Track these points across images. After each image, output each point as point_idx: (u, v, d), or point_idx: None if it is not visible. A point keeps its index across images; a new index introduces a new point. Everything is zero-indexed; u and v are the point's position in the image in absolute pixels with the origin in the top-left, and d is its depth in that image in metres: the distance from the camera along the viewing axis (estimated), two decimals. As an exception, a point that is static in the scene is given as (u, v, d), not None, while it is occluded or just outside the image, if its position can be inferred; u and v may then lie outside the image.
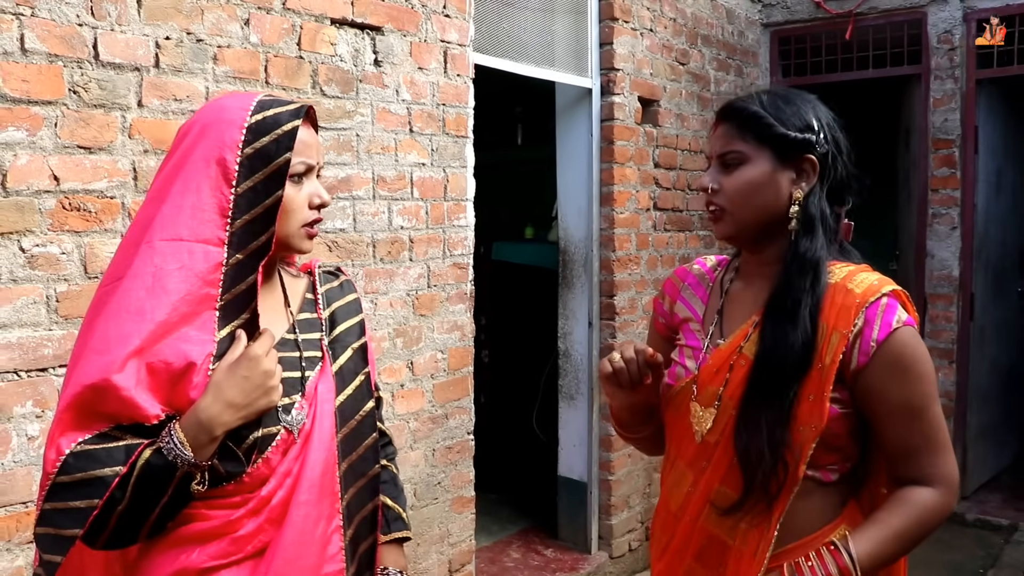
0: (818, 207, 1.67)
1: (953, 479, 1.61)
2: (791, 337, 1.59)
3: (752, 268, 1.76)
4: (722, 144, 1.69)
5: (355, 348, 1.68)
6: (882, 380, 1.57)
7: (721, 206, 1.68)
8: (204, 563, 1.46)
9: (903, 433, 1.59)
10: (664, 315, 1.91)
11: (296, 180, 1.54)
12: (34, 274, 2.34)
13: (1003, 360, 6.22)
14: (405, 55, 3.38)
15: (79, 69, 2.41)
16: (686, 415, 1.73)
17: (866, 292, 1.60)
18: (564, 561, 4.67)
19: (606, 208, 4.65)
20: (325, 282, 1.74)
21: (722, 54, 5.57)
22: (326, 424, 1.56)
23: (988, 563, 4.89)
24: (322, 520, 1.53)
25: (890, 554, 1.58)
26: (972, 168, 5.51)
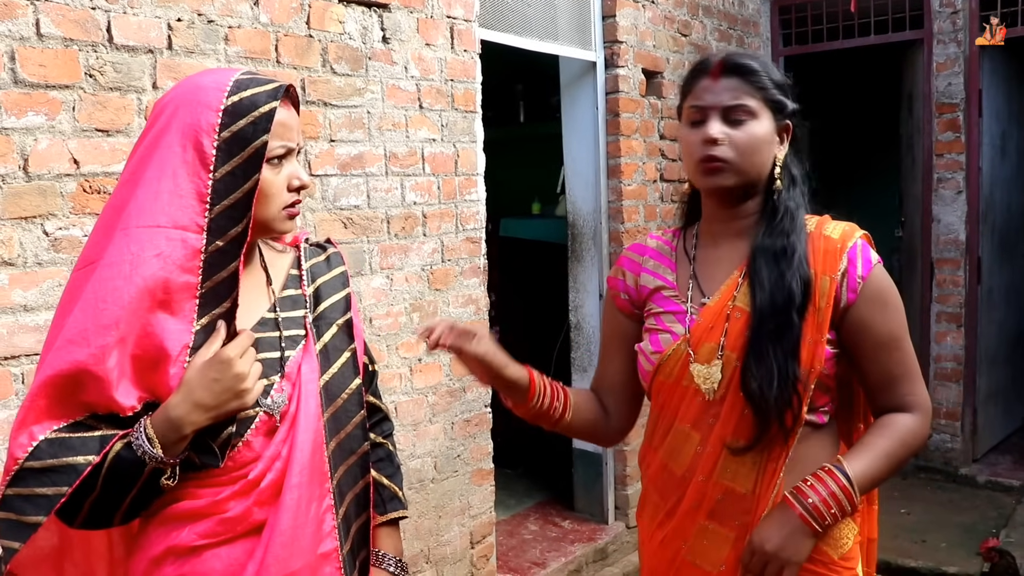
0: (797, 167, 1.78)
1: (928, 405, 1.74)
2: (788, 279, 1.66)
3: (720, 227, 1.80)
4: (733, 96, 1.70)
5: (340, 325, 1.64)
6: (868, 313, 1.69)
7: (727, 159, 1.69)
8: (193, 541, 1.47)
9: (885, 363, 1.71)
10: (627, 291, 1.90)
11: (275, 163, 1.50)
12: (58, 257, 2.37)
13: (1011, 323, 6.24)
14: (412, 32, 3.40)
15: (94, 53, 2.43)
16: (682, 377, 1.75)
17: (843, 236, 1.72)
18: (582, 532, 4.72)
19: (613, 180, 4.66)
20: (311, 256, 1.70)
21: (723, 24, 5.57)
22: (311, 405, 1.53)
23: (1000, 523, 4.93)
24: (314, 501, 1.52)
25: (881, 473, 1.68)
26: (976, 132, 5.51)
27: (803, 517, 1.61)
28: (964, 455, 5.72)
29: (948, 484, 5.63)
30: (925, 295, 5.74)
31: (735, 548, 1.70)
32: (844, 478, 1.63)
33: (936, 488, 5.58)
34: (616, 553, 4.64)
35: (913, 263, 5.98)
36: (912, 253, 6.01)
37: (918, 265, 5.84)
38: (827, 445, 1.74)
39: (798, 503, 1.62)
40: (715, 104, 1.70)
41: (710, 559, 1.73)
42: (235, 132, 1.43)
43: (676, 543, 1.77)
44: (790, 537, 1.62)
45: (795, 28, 6.07)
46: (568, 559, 4.38)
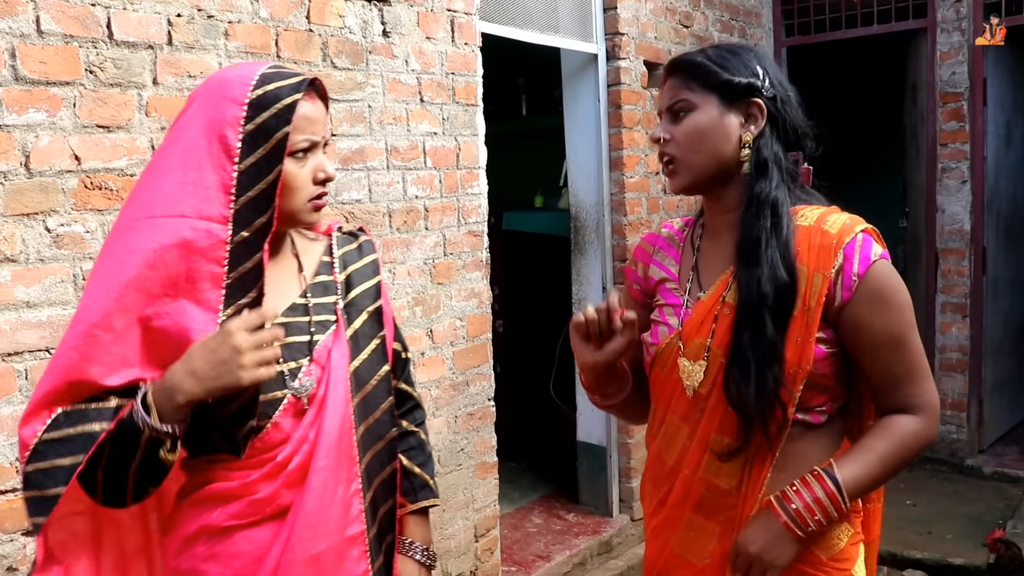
0: (771, 150, 1.70)
1: (934, 406, 1.67)
2: (760, 278, 1.61)
3: (716, 219, 1.78)
4: (670, 96, 1.72)
5: (370, 311, 1.67)
6: (866, 313, 1.62)
7: (673, 155, 1.71)
8: (224, 522, 1.51)
9: (887, 363, 1.64)
10: (638, 281, 1.92)
11: (299, 156, 1.53)
12: (60, 253, 2.37)
13: (1016, 313, 6.23)
14: (413, 25, 3.39)
15: (94, 49, 2.43)
16: (674, 371, 1.74)
17: (841, 231, 1.64)
18: (586, 525, 4.72)
19: (616, 173, 4.66)
20: (343, 244, 1.73)
21: (725, 16, 5.55)
22: (340, 389, 1.56)
23: (1007, 514, 4.93)
24: (341, 484, 1.55)
25: (874, 478, 1.64)
26: (981, 121, 5.50)
27: (786, 524, 1.61)
28: (970, 446, 5.71)
29: (954, 475, 5.62)
30: (930, 285, 5.73)
31: (720, 542, 1.70)
32: (832, 483, 1.60)
33: (942, 479, 5.58)
34: (621, 546, 4.65)
35: (918, 253, 5.97)
36: (917, 243, 6.00)
37: (923, 255, 5.83)
38: (824, 445, 1.70)
39: (781, 509, 1.62)
40: (661, 108, 1.75)
41: (696, 552, 1.74)
42: (258, 125, 1.47)
43: (665, 534, 1.79)
44: (773, 541, 1.61)
45: (797, 18, 6.06)
46: (573, 552, 4.38)
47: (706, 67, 1.69)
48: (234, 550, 1.51)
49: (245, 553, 1.51)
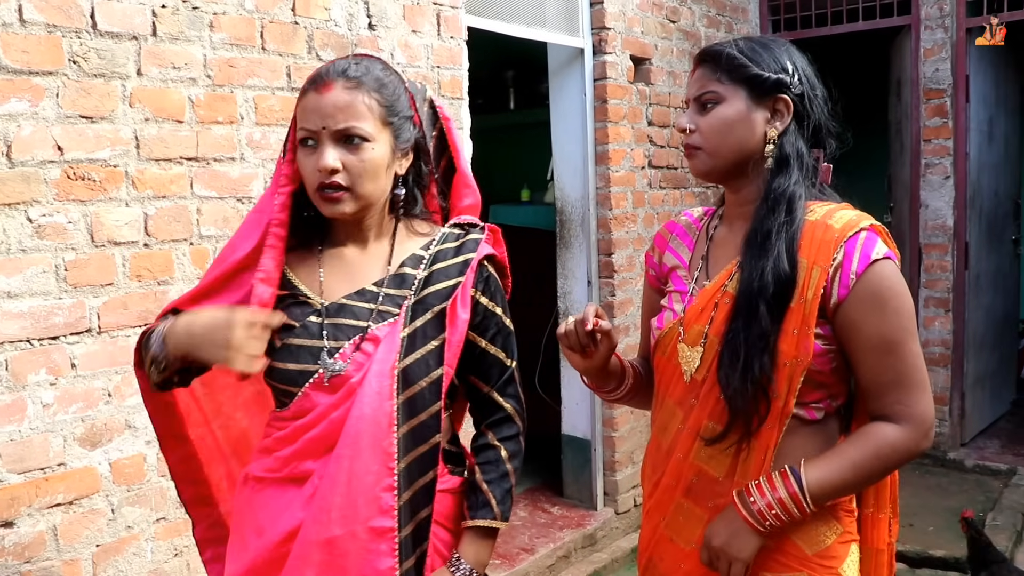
0: (794, 146, 1.71)
1: (923, 418, 1.62)
2: (764, 268, 1.62)
3: (733, 210, 1.80)
4: (698, 86, 1.73)
5: (435, 312, 1.64)
6: (860, 313, 1.60)
7: (697, 145, 1.72)
8: (258, 472, 1.66)
9: (876, 367, 1.62)
10: (655, 267, 1.95)
11: (307, 146, 1.59)
12: (42, 244, 2.37)
13: (998, 308, 6.28)
14: (398, 18, 3.39)
15: (78, 39, 2.42)
16: (674, 356, 1.77)
17: (845, 227, 1.64)
18: (571, 518, 4.73)
19: (601, 167, 4.66)
20: (445, 241, 1.71)
21: (712, 11, 5.56)
22: (379, 383, 1.57)
23: (988, 507, 4.96)
24: (370, 475, 1.55)
25: (843, 484, 1.62)
26: (964, 117, 5.53)
27: (746, 519, 1.62)
28: (952, 439, 5.76)
29: (936, 468, 5.66)
30: (913, 280, 5.76)
31: (704, 527, 1.71)
32: (796, 484, 1.60)
33: (924, 472, 5.61)
34: (605, 539, 4.66)
35: (901, 248, 5.88)
36: (900, 238, 6.03)
37: (906, 250, 5.85)
38: (819, 442, 1.69)
39: (742, 505, 1.63)
40: (688, 96, 1.77)
41: (684, 536, 1.75)
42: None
43: (656, 516, 1.81)
44: (735, 535, 1.63)
45: (784, 14, 6.07)
46: (557, 545, 4.39)
47: (737, 60, 1.70)
48: (262, 501, 1.63)
49: (269, 508, 1.62)
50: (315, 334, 1.61)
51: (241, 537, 1.67)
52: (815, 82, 1.77)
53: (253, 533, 1.64)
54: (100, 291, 2.49)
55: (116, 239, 2.52)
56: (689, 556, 1.74)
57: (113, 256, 2.52)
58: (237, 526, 1.71)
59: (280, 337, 1.61)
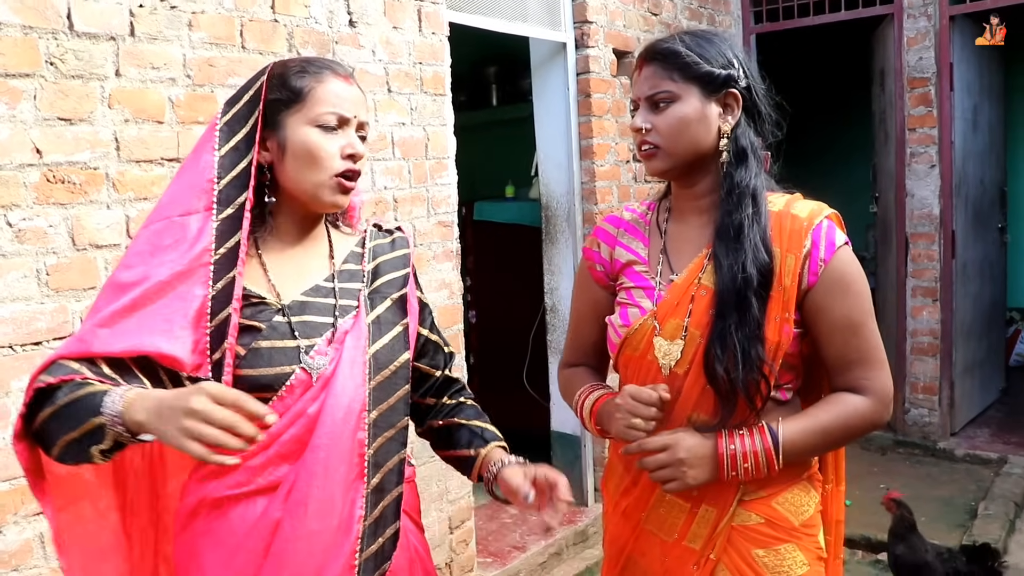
0: (748, 139, 1.77)
1: (885, 391, 1.73)
2: (744, 261, 1.68)
3: (686, 204, 1.84)
4: (650, 85, 1.75)
5: (394, 299, 1.69)
6: (827, 297, 1.70)
7: (655, 144, 1.75)
8: (220, 492, 1.53)
9: (842, 347, 1.72)
10: (602, 262, 1.93)
11: (327, 130, 1.57)
12: (23, 248, 2.34)
13: (986, 296, 6.28)
14: (379, 15, 3.36)
15: (54, 40, 2.39)
16: (647, 351, 1.78)
17: (810, 216, 1.73)
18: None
19: (586, 162, 4.65)
20: (375, 238, 1.76)
21: (694, 3, 5.55)
22: (351, 372, 1.57)
23: (979, 496, 4.96)
24: (343, 465, 1.55)
25: (812, 446, 1.73)
26: (948, 106, 5.53)
27: (719, 457, 1.67)
28: (942, 429, 5.76)
29: (927, 458, 5.67)
30: (900, 270, 5.77)
31: (690, 516, 1.76)
32: (772, 441, 1.68)
33: (915, 463, 5.63)
34: (596, 535, 4.65)
35: (888, 238, 6.01)
36: (887, 228, 6.04)
37: (893, 240, 5.87)
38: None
39: (723, 445, 1.68)
40: (639, 95, 1.78)
41: (667, 528, 1.79)
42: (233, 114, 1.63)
43: (638, 513, 1.83)
44: (700, 461, 1.68)
45: (766, 5, 6.07)
46: (548, 542, 4.38)
47: (687, 57, 1.73)
48: (227, 526, 1.52)
49: (237, 530, 1.52)
50: (285, 334, 1.57)
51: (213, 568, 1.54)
52: (757, 74, 1.83)
53: (225, 558, 1.53)
54: (83, 295, 2.46)
55: (98, 242, 2.49)
56: (673, 547, 1.78)
57: (95, 259, 2.49)
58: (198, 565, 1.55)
59: (242, 343, 1.54)
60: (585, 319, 1.99)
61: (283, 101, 1.58)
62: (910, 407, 5.81)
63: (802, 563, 1.75)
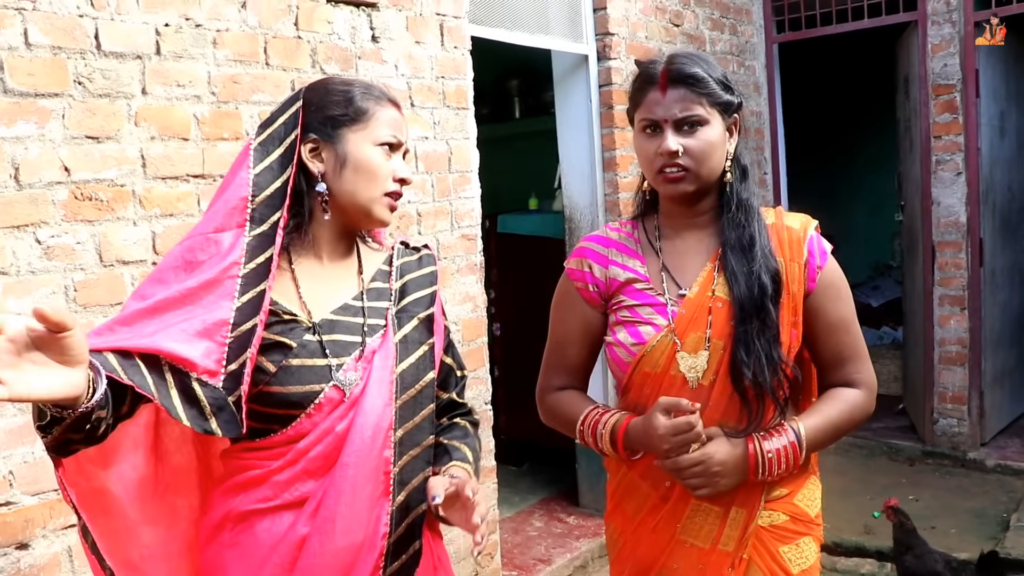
0: (746, 159, 1.90)
1: (873, 383, 1.91)
2: (756, 271, 1.78)
3: (682, 221, 1.90)
4: (682, 108, 1.78)
5: (421, 319, 1.71)
6: (824, 300, 1.85)
7: (686, 166, 1.78)
8: (246, 507, 1.56)
9: (837, 345, 1.87)
10: (596, 282, 1.93)
11: (386, 150, 1.64)
12: (51, 265, 2.37)
13: (1015, 304, 6.20)
14: (402, 30, 3.39)
15: (82, 60, 2.43)
16: (669, 367, 1.82)
17: (803, 227, 1.88)
18: (587, 527, 4.71)
19: (609, 173, 4.65)
20: (403, 256, 1.79)
21: (715, 13, 5.55)
22: (379, 392, 1.59)
23: (1011, 507, 4.88)
24: (370, 483, 1.57)
25: (825, 440, 1.86)
26: (974, 112, 5.48)
27: (752, 460, 1.76)
28: (972, 439, 5.68)
29: (957, 469, 5.59)
30: (927, 278, 5.72)
31: (722, 521, 1.83)
32: (796, 437, 1.79)
33: (944, 473, 5.56)
34: (624, 546, 4.63)
35: (914, 247, 5.97)
36: (913, 237, 6.00)
37: (919, 248, 5.82)
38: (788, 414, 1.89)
39: (756, 448, 1.76)
40: (667, 117, 1.78)
41: (702, 536, 1.84)
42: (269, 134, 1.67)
43: (671, 526, 1.86)
44: (732, 470, 1.75)
45: (788, 14, 6.05)
46: (574, 555, 4.37)
47: (711, 84, 1.79)
48: (253, 540, 1.55)
49: (263, 544, 1.55)
50: (315, 352, 1.59)
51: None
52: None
53: (252, 571, 1.56)
54: (110, 311, 2.49)
55: (125, 258, 2.52)
56: (710, 552, 1.83)
57: (122, 276, 2.52)
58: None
59: (272, 360, 1.56)
60: (573, 341, 1.99)
61: (347, 118, 1.63)
62: (939, 417, 5.75)
63: (814, 552, 1.89)
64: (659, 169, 1.80)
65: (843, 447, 5.78)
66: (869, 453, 5.89)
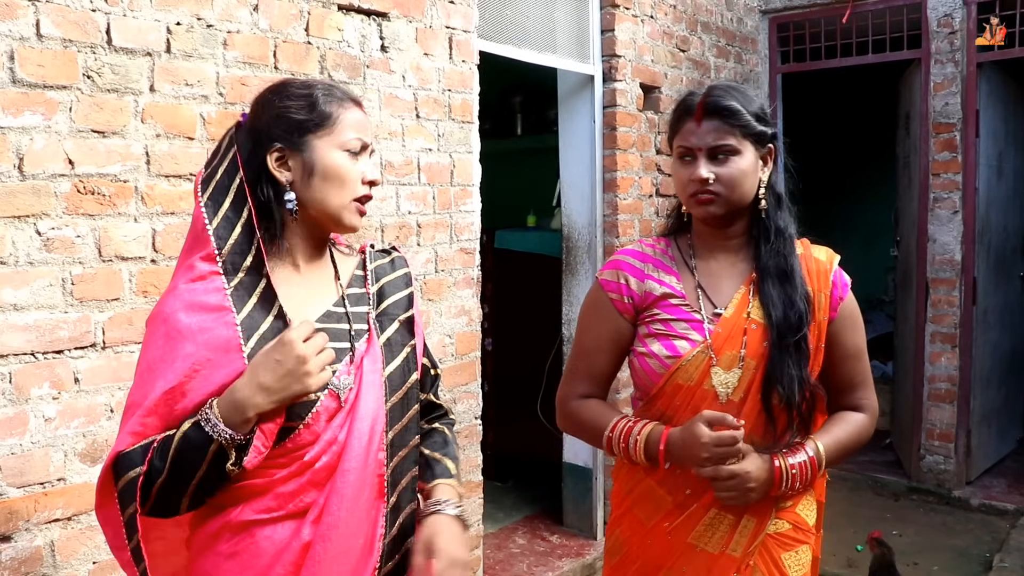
0: (781, 187, 2.02)
1: (876, 410, 2.05)
2: (795, 298, 1.89)
3: (715, 242, 2.00)
4: (715, 138, 1.89)
5: (402, 320, 1.73)
6: (843, 329, 1.98)
7: (717, 192, 1.89)
8: (247, 517, 1.54)
9: (851, 371, 2.00)
10: (631, 295, 2.01)
11: (352, 155, 1.61)
12: (50, 257, 2.36)
13: (1005, 345, 6.23)
14: (411, 41, 3.40)
15: (92, 54, 2.43)
16: (703, 380, 1.91)
17: (829, 259, 2.00)
18: (570, 547, 4.70)
19: (609, 194, 4.67)
20: (375, 259, 1.79)
21: (721, 41, 5.59)
22: (371, 395, 1.60)
23: (994, 548, 4.89)
24: (367, 487, 1.58)
25: (836, 459, 1.97)
26: (973, 152, 5.52)
27: (777, 475, 1.86)
28: (958, 477, 5.69)
29: (941, 506, 5.60)
30: (920, 315, 5.74)
31: (733, 528, 1.92)
32: (815, 455, 1.90)
33: (929, 510, 5.56)
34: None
35: (908, 282, 5.99)
36: (907, 272, 6.02)
37: (913, 284, 5.84)
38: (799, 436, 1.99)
39: (782, 464, 1.87)
40: (700, 146, 1.90)
41: (714, 542, 1.92)
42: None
43: (684, 532, 1.95)
44: (762, 484, 1.85)
45: (793, 46, 6.09)
46: (555, 574, 4.36)
47: (745, 116, 1.89)
48: (255, 549, 1.54)
49: (265, 552, 1.54)
50: None
51: None
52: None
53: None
54: (106, 306, 2.48)
55: (123, 254, 2.52)
56: (719, 557, 1.92)
57: (120, 271, 2.52)
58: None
59: None
60: (603, 350, 2.06)
61: (312, 123, 1.59)
62: (925, 454, 5.76)
63: (809, 560, 2.00)
64: (692, 194, 1.91)
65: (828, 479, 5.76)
66: (854, 486, 5.89)
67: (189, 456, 1.45)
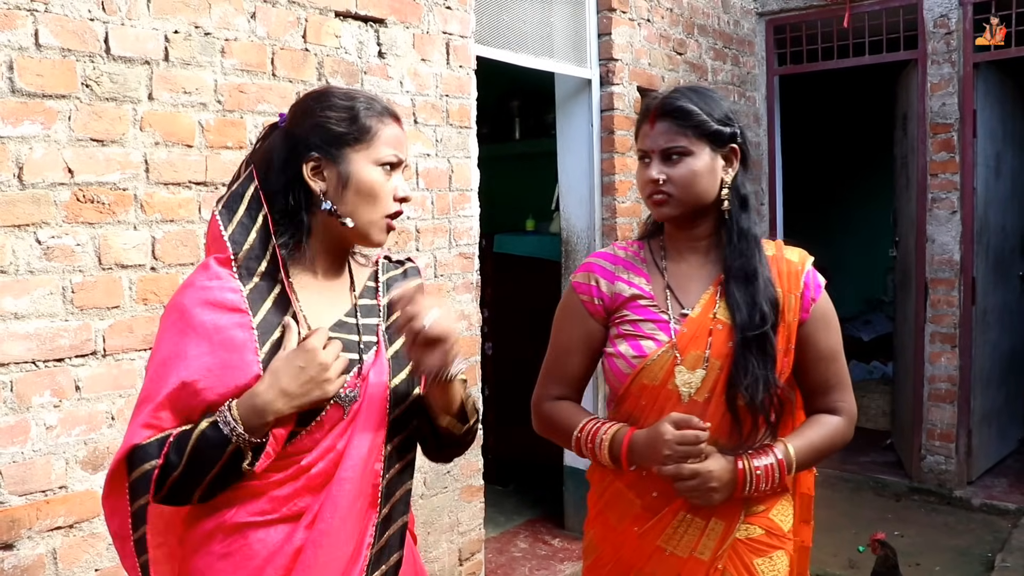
0: (747, 188, 1.99)
1: (854, 413, 2.02)
2: (758, 299, 1.88)
3: (684, 244, 2.01)
4: (666, 140, 1.90)
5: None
6: (816, 330, 1.96)
7: (669, 193, 1.90)
8: (241, 519, 1.55)
9: (825, 373, 1.98)
10: (601, 296, 2.01)
11: (387, 170, 1.62)
12: (50, 265, 2.37)
13: (1005, 344, 6.23)
14: (408, 47, 3.41)
15: (91, 63, 2.44)
16: (667, 380, 1.91)
17: (801, 261, 1.99)
18: (571, 550, 4.70)
19: (608, 198, 4.68)
20: (388, 270, 1.79)
21: (718, 43, 5.60)
22: (374, 407, 1.61)
23: (996, 547, 4.89)
24: (361, 497, 1.59)
25: (808, 463, 1.96)
26: (971, 152, 5.53)
27: (741, 477, 1.84)
28: (959, 477, 5.70)
29: (942, 506, 5.60)
30: (919, 315, 5.75)
31: (701, 531, 1.91)
32: (784, 458, 1.88)
33: (930, 510, 5.56)
34: (608, 571, 4.62)
35: (907, 283, 5.99)
36: (906, 273, 6.02)
37: (912, 285, 5.85)
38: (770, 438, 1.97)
39: (746, 466, 1.85)
40: (654, 148, 1.93)
41: (683, 546, 1.92)
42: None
43: (654, 535, 1.93)
44: (725, 485, 1.84)
45: (790, 48, 6.11)
46: (559, 577, 4.36)
47: (699, 116, 1.90)
48: (248, 551, 1.55)
49: (258, 555, 1.55)
50: None
51: None
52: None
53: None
54: (106, 314, 2.49)
55: (123, 262, 2.53)
56: (687, 561, 1.91)
57: (120, 279, 2.52)
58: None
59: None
60: (575, 351, 2.07)
61: (351, 137, 1.60)
62: (926, 454, 5.76)
63: (785, 565, 1.98)
64: (648, 195, 1.94)
65: (829, 480, 5.78)
66: (855, 487, 5.89)
67: (206, 454, 1.47)
